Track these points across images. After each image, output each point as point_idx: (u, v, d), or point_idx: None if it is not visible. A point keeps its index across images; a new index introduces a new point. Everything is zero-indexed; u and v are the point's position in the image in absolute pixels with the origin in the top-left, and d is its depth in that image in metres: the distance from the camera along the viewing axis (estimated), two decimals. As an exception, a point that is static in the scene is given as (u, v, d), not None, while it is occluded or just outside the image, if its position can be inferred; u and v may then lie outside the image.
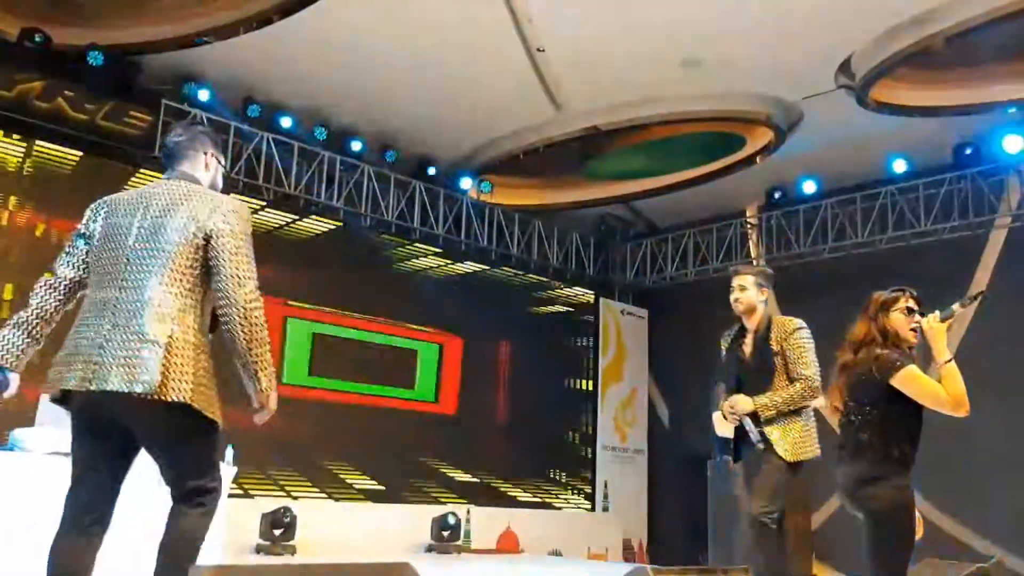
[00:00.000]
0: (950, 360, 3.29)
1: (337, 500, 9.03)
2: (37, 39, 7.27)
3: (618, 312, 11.59)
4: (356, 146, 9.34)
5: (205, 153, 3.06)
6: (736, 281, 4.48)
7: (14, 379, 2.85)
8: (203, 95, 8.30)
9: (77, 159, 7.76)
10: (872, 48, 7.49)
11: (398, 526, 9.15)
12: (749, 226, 10.69)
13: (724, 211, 10.74)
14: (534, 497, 10.49)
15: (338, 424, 9.16)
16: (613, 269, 11.80)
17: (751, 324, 4.42)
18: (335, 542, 8.20)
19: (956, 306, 3.44)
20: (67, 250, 2.99)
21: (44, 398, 5.25)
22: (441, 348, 10.13)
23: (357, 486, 9.24)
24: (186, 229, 2.79)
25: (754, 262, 10.64)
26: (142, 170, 8.20)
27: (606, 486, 10.85)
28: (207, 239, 2.78)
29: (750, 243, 10.71)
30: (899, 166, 9.20)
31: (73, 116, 7.58)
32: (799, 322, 4.33)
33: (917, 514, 3.31)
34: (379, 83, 8.39)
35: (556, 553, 9.70)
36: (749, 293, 4.42)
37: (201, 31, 7.61)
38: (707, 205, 10.65)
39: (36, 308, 2.91)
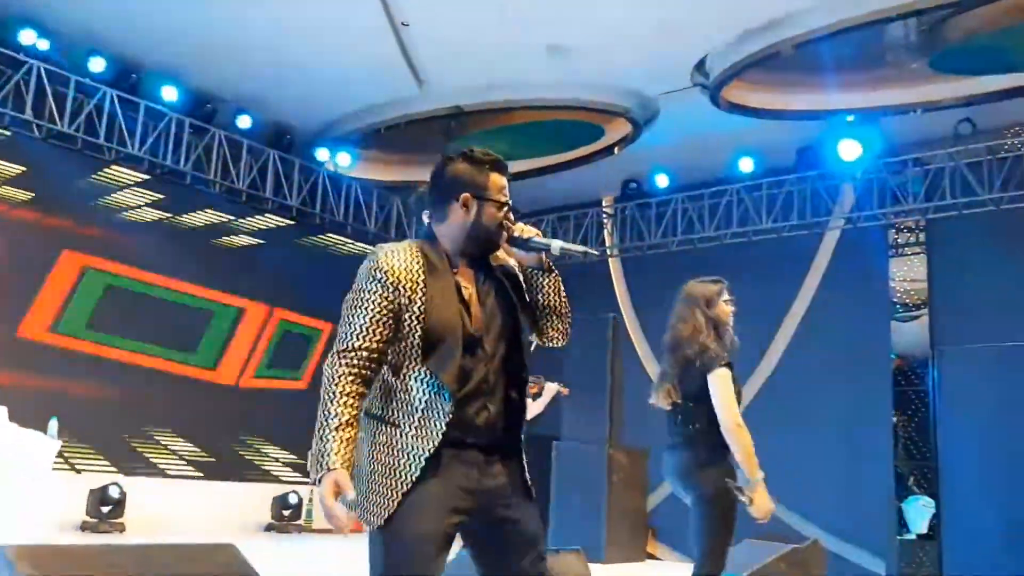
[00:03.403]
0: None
1: (169, 476, 8.71)
2: None
3: (473, 294, 11.57)
4: (208, 109, 8.94)
5: (456, 198, 2.26)
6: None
7: None
8: (42, 44, 7.73)
9: None
10: (727, 49, 7.76)
11: (237, 505, 8.92)
12: (605, 215, 10.93)
13: (582, 199, 10.92)
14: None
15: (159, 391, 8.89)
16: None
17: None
18: (167, 520, 7.89)
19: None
20: None
21: None
22: (241, 312, 9.88)
23: (187, 459, 8.99)
24: None
25: (608, 251, 10.90)
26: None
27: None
28: None
29: (605, 232, 10.94)
30: (745, 165, 9.60)
31: None
32: None
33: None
34: (236, 45, 8.05)
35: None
36: None
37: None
38: (566, 192, 10.80)
39: None
